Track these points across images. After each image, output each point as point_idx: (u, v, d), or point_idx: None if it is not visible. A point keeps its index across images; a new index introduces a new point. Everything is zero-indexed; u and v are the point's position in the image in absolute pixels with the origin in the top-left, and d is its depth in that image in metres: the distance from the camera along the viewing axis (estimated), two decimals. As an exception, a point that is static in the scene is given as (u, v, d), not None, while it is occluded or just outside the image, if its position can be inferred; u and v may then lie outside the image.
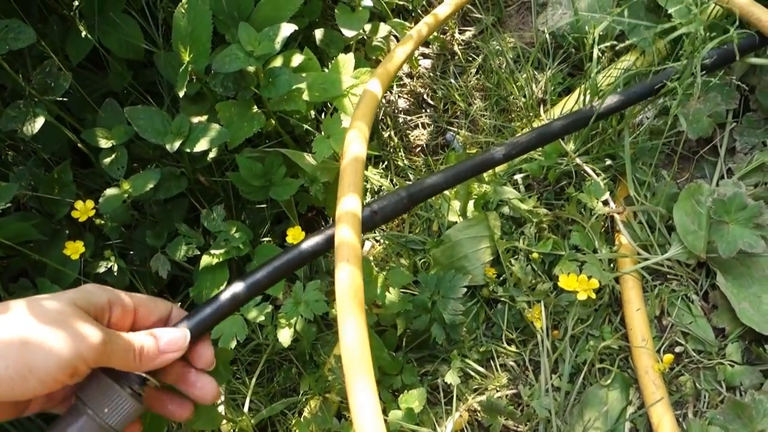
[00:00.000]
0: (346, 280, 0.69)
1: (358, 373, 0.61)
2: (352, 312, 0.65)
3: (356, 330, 0.64)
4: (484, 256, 1.02)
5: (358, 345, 0.63)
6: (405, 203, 0.77)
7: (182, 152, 1.05)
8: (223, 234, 1.09)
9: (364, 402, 0.59)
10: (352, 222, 0.75)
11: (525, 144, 0.91)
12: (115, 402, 0.55)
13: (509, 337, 1.00)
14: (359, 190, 0.79)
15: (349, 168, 0.82)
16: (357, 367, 0.61)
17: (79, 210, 0.94)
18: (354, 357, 0.62)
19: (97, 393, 0.55)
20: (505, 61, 1.33)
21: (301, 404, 1.03)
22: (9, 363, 0.47)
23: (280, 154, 1.10)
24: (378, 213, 0.75)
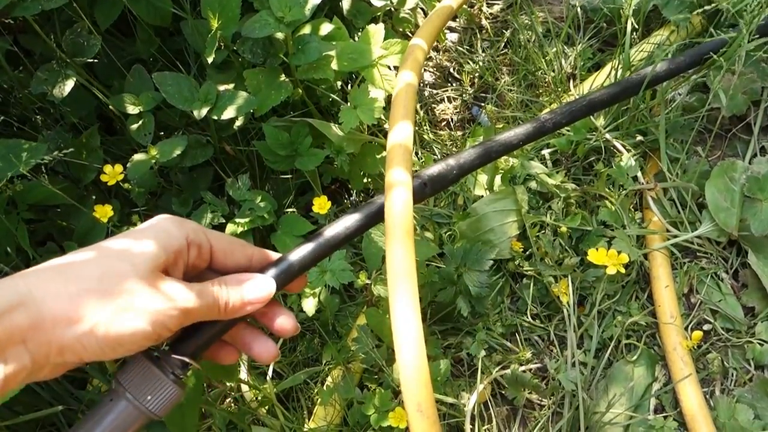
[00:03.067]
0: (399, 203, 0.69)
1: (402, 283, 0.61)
2: (401, 239, 0.65)
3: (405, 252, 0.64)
4: (511, 229, 1.01)
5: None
6: (455, 173, 0.74)
7: (209, 120, 1.05)
8: (248, 203, 1.09)
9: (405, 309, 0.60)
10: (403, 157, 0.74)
11: (576, 112, 0.87)
12: (158, 388, 0.52)
13: (534, 312, 0.99)
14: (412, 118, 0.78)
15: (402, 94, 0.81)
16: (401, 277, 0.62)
17: (108, 174, 0.94)
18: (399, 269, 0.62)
19: (139, 379, 0.52)
20: (534, 35, 1.31)
21: (324, 374, 1.03)
22: (99, 338, 0.46)
23: (306, 124, 1.10)
24: (428, 185, 0.73)
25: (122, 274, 0.48)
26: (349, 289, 1.12)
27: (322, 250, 0.64)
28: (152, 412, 0.51)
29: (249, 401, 1.02)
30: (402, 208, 0.68)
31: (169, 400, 0.52)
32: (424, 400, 0.56)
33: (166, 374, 0.52)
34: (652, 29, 1.22)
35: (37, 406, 0.97)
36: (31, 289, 0.45)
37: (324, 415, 0.98)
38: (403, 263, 0.64)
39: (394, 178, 0.72)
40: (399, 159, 0.75)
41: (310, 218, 1.12)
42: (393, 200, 0.69)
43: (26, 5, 0.89)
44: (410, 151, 0.77)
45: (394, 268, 0.64)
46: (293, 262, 0.60)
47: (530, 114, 1.22)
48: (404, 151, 0.76)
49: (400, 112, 0.82)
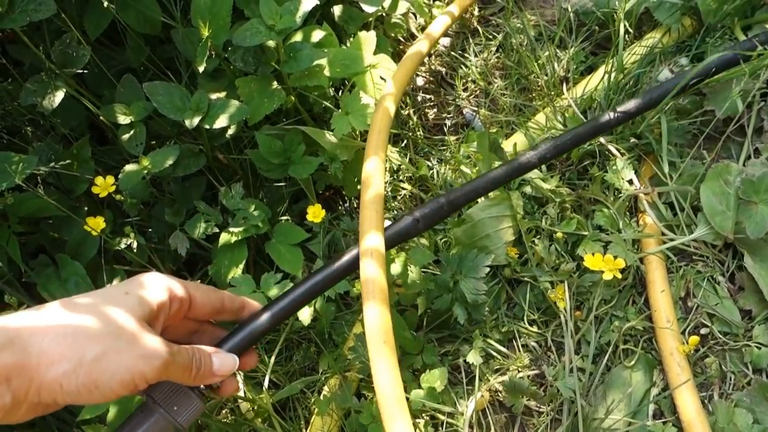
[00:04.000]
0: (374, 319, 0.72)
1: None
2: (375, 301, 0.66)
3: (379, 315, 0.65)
4: (507, 235, 1.00)
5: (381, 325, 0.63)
6: (446, 210, 0.79)
7: (201, 129, 1.04)
8: (242, 212, 1.08)
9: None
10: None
11: (561, 147, 0.91)
12: (185, 402, 0.59)
13: (531, 318, 0.99)
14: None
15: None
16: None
17: (99, 186, 0.93)
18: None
19: (168, 393, 0.58)
20: (526, 38, 1.31)
21: (321, 383, 1.02)
22: (80, 379, 0.48)
23: (299, 132, 1.09)
24: (420, 221, 0.77)
25: (109, 322, 0.51)
26: (345, 297, 1.11)
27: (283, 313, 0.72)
28: (179, 423, 0.58)
29: (245, 412, 1.02)
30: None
31: (195, 412, 0.59)
32: None
33: (192, 389, 0.59)
34: (645, 32, 1.22)
35: (33, 422, 0.96)
36: (20, 330, 0.47)
37: (321, 425, 0.97)
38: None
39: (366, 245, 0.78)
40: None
41: (305, 226, 1.11)
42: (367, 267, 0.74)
43: (14, 17, 0.89)
44: (382, 199, 0.84)
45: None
46: (253, 332, 0.69)
47: (523, 118, 1.22)
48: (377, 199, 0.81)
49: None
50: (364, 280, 0.73)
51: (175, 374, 0.56)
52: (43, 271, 1.00)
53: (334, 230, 1.14)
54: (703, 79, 0.99)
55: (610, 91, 1.10)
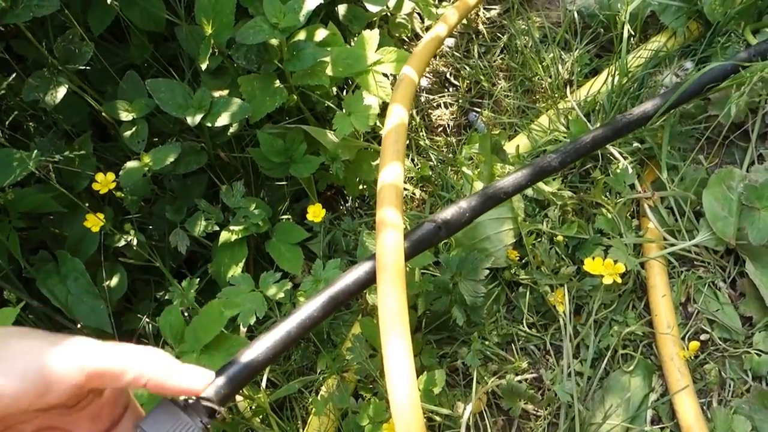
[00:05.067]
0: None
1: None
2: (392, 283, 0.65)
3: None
4: (507, 238, 1.00)
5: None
6: (468, 216, 0.78)
7: (203, 127, 1.04)
8: (243, 210, 1.08)
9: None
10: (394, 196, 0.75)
11: (581, 150, 0.89)
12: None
13: (530, 321, 0.98)
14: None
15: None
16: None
17: (100, 182, 0.93)
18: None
19: (168, 427, 0.49)
20: (531, 40, 1.31)
21: (318, 383, 1.02)
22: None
23: (301, 131, 1.09)
24: (442, 228, 0.76)
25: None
26: (345, 297, 1.11)
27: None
28: None
29: (243, 411, 1.01)
30: (393, 249, 0.71)
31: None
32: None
33: (194, 422, 0.50)
34: (650, 35, 1.21)
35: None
36: None
37: (318, 425, 0.97)
38: (395, 306, 0.65)
39: (386, 218, 0.73)
40: (390, 199, 0.77)
41: (305, 225, 1.11)
42: (384, 242, 0.70)
43: (17, 12, 0.89)
44: (401, 192, 0.80)
45: (386, 313, 0.65)
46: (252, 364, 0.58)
47: (527, 120, 1.21)
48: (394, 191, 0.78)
49: (389, 151, 0.83)
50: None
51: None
52: (43, 267, 1.00)
53: (335, 230, 1.14)
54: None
55: (614, 94, 1.09)
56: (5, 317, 0.75)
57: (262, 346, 0.58)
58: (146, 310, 1.08)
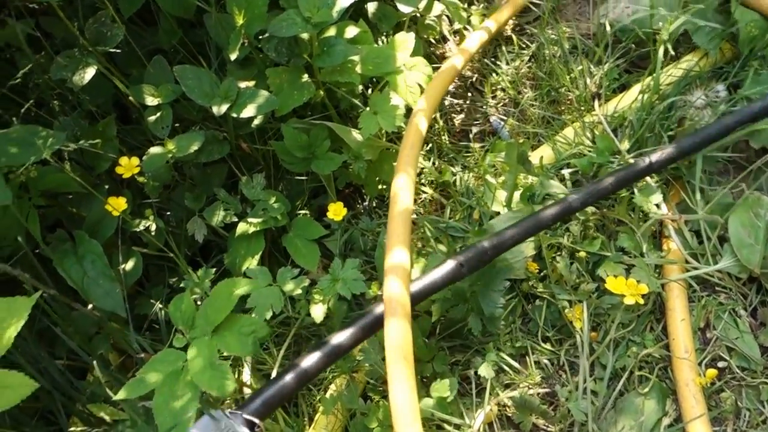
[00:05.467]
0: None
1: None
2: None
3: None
4: (527, 249, 0.99)
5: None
6: (489, 255, 0.78)
7: (228, 117, 1.04)
8: (262, 203, 1.08)
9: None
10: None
11: (602, 191, 0.91)
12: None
13: (545, 335, 0.98)
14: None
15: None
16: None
17: (123, 166, 0.92)
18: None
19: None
20: (560, 50, 1.29)
21: (327, 381, 1.01)
22: None
23: (325, 127, 1.08)
24: (464, 265, 0.76)
25: None
26: (357, 297, 1.10)
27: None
28: None
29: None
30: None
31: None
32: None
33: (239, 428, 0.53)
34: (682, 54, 1.20)
35: (37, 396, 0.96)
36: None
37: (325, 424, 0.96)
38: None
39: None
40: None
41: (323, 222, 1.11)
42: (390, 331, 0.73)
43: (51, -10, 0.88)
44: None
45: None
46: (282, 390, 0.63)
47: (551, 131, 1.20)
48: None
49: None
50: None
51: None
52: (60, 247, 1.00)
53: (353, 229, 1.13)
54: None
55: (644, 111, 1.08)
56: (20, 306, 0.73)
57: (294, 372, 0.60)
58: (159, 296, 1.08)
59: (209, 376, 0.70)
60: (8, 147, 0.85)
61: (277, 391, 0.59)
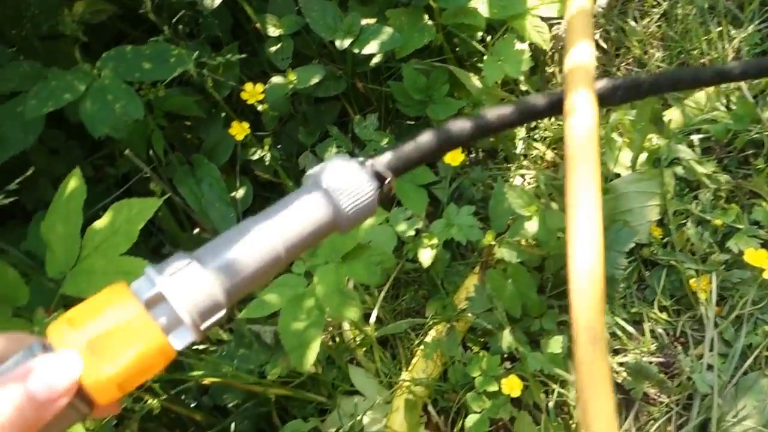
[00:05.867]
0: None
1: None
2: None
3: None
4: (651, 214, 0.94)
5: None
6: (644, 89, 0.65)
7: (348, 53, 1.02)
8: (373, 143, 1.06)
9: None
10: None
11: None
12: (359, 194, 0.43)
13: (662, 304, 0.93)
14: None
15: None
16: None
17: (248, 92, 0.92)
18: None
19: (342, 180, 0.43)
20: (695, 9, 1.21)
21: (428, 327, 1.00)
22: None
23: (446, 71, 1.05)
24: (620, 90, 0.63)
25: None
26: (461, 247, 1.08)
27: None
28: (347, 216, 0.42)
29: (348, 340, 1.01)
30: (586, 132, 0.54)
31: (367, 209, 0.44)
32: (598, 329, 0.48)
33: (370, 182, 0.44)
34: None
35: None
36: None
37: (423, 368, 0.96)
38: (588, 172, 0.52)
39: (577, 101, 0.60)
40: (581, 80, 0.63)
41: (433, 168, 1.08)
42: (573, 124, 0.55)
43: None
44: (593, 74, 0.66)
45: (577, 177, 0.53)
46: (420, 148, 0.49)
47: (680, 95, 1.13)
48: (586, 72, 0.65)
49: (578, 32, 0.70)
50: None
51: None
52: (178, 168, 1.01)
53: (462, 178, 1.11)
54: None
55: (792, 78, 1.00)
56: (149, 207, 0.75)
57: (431, 136, 0.50)
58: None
59: (337, 301, 0.70)
60: (142, 63, 0.86)
61: (414, 148, 0.49)
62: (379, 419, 0.93)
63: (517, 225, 0.90)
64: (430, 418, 0.95)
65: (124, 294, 0.35)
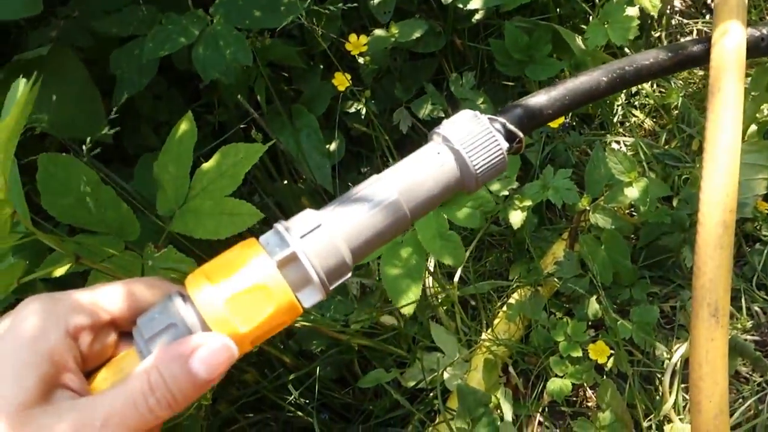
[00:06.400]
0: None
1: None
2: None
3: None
4: (759, 187, 0.90)
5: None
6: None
7: (449, 8, 1.01)
8: (469, 103, 1.06)
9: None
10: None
11: None
12: (490, 152, 0.42)
13: (761, 282, 0.90)
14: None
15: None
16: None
17: (352, 43, 0.94)
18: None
19: (471, 138, 0.41)
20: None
21: (511, 290, 1.01)
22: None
23: (550, 29, 1.03)
24: (766, 40, 0.59)
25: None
26: (549, 212, 1.07)
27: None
28: (476, 176, 0.41)
29: (429, 297, 1.03)
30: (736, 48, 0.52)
31: (496, 170, 0.42)
32: (722, 303, 0.46)
33: (501, 141, 0.42)
34: None
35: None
36: None
37: (505, 330, 0.97)
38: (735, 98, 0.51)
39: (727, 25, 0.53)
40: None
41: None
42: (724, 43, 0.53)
43: None
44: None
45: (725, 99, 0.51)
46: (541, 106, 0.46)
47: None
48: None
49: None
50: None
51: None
52: (276, 119, 1.04)
53: (556, 142, 1.09)
54: None
55: None
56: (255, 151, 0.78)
57: (567, 87, 0.48)
58: (354, 181, 1.11)
59: (440, 245, 0.71)
60: (253, 10, 0.88)
61: (548, 103, 0.47)
62: (458, 376, 0.95)
63: (616, 191, 0.88)
64: (510, 379, 0.96)
65: (258, 252, 0.36)
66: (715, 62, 0.52)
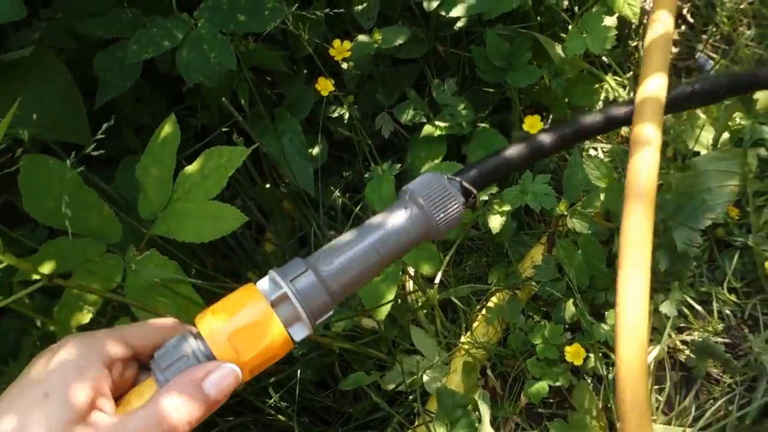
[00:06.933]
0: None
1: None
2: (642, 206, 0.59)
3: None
4: (730, 193, 0.93)
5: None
6: (723, 91, 0.67)
7: (433, 15, 1.03)
8: (450, 108, 1.07)
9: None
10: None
11: None
12: (449, 207, 0.52)
13: (731, 285, 0.92)
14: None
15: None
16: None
17: (336, 49, 0.94)
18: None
19: (434, 195, 0.51)
20: (793, -13, 1.16)
21: (489, 294, 1.02)
22: None
23: (530, 38, 1.05)
24: (697, 94, 0.65)
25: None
26: (527, 216, 1.09)
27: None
28: (438, 229, 0.50)
29: (411, 302, 1.04)
30: (648, 172, 0.61)
31: (454, 220, 0.51)
32: (643, 419, 0.53)
33: (459, 197, 0.52)
34: None
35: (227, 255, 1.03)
36: None
37: (484, 332, 0.98)
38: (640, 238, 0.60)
39: (644, 134, 0.65)
40: (650, 114, 0.67)
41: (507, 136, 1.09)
42: (640, 161, 0.62)
43: None
44: (662, 107, 0.69)
45: (629, 241, 0.60)
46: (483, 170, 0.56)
47: None
48: (656, 105, 0.68)
49: (654, 61, 0.72)
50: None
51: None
52: (258, 122, 1.05)
53: (535, 148, 1.11)
54: None
55: None
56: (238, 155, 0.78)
57: (516, 151, 0.58)
58: (336, 185, 1.12)
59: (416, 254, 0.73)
60: (237, 14, 0.89)
61: (497, 164, 0.55)
62: (437, 378, 0.96)
63: (592, 196, 0.90)
64: (488, 381, 0.97)
65: (255, 295, 0.44)
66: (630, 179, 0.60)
